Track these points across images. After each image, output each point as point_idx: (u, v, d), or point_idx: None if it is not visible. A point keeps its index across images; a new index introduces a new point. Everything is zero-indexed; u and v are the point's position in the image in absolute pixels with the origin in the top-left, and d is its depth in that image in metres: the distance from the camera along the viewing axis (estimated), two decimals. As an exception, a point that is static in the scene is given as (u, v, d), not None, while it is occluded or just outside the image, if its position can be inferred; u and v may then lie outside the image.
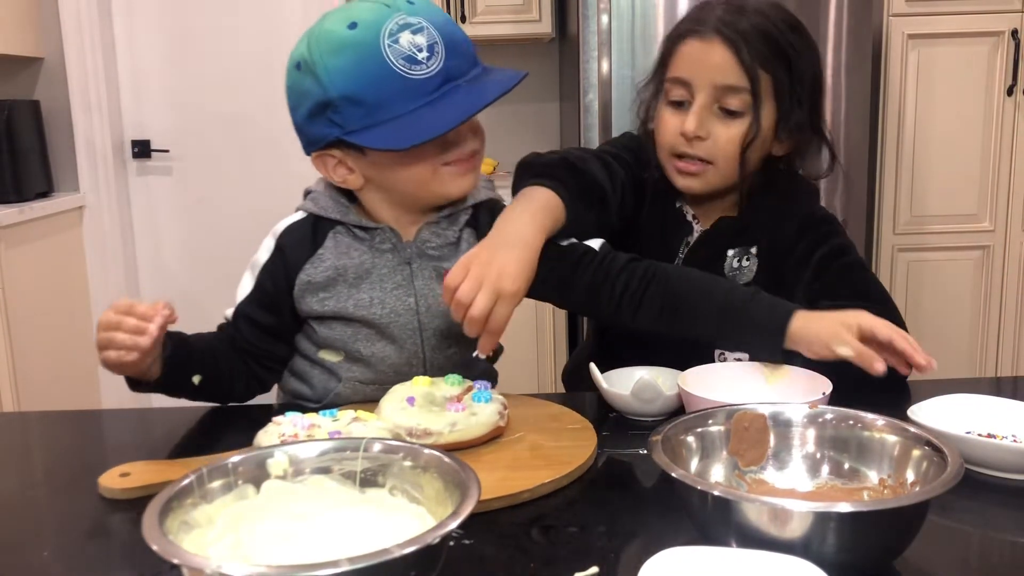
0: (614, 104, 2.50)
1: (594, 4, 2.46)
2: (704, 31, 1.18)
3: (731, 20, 1.17)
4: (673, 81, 1.21)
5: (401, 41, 1.02)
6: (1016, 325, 2.73)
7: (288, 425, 0.91)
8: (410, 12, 1.04)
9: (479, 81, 1.07)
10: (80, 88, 3.20)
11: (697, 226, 1.29)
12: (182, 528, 0.67)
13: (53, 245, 3.07)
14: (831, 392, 0.96)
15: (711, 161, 1.20)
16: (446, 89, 1.04)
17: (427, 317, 1.17)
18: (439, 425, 0.93)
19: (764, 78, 1.16)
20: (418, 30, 1.03)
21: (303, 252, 1.15)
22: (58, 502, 0.92)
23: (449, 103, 1.04)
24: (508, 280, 1.01)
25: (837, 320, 1.01)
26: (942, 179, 2.65)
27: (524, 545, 0.77)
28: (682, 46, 1.20)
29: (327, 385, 1.19)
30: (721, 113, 1.18)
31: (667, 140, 1.22)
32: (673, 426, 0.79)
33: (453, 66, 1.05)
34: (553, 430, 1.00)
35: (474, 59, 1.09)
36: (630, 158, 1.28)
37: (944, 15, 2.56)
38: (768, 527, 0.65)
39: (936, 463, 0.72)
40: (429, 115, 1.03)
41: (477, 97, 1.05)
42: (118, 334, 0.98)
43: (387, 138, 1.03)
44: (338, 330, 1.16)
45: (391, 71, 1.02)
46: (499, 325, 1.02)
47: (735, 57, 1.15)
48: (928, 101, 2.61)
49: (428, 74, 1.03)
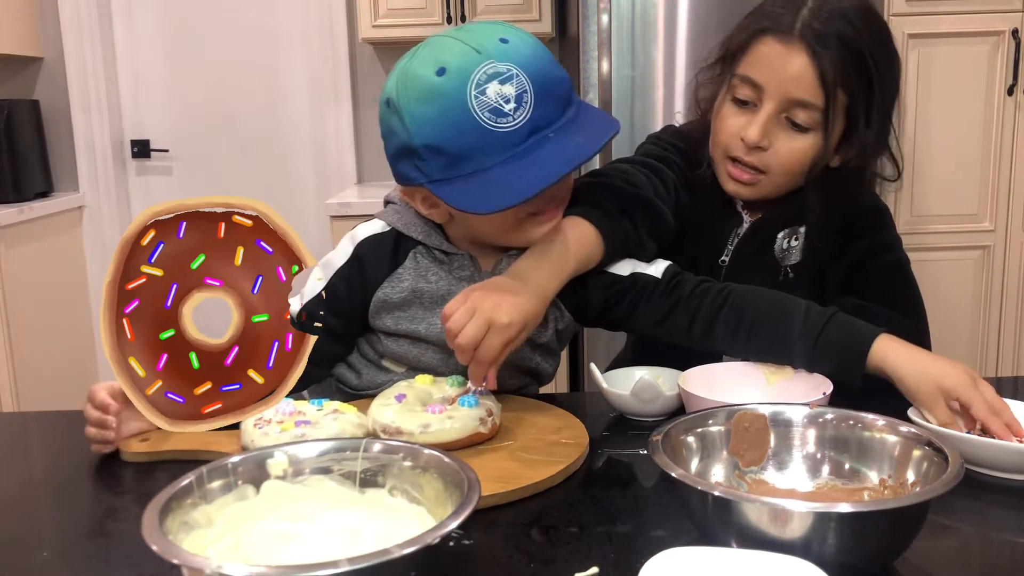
0: (614, 103, 2.50)
1: (594, 4, 2.46)
2: (788, 33, 1.09)
3: (819, 27, 1.08)
4: (743, 79, 1.14)
5: (488, 92, 0.97)
6: (1016, 325, 2.73)
7: (270, 410, 0.94)
8: (501, 58, 0.98)
9: (568, 130, 1.01)
10: (80, 88, 3.20)
11: (746, 215, 1.25)
12: (182, 528, 0.67)
13: (53, 245, 3.07)
14: (831, 392, 0.96)
15: (765, 171, 1.15)
16: (531, 142, 0.99)
17: None
18: (412, 425, 0.93)
19: (841, 96, 1.10)
20: (507, 79, 0.97)
21: (383, 268, 1.12)
22: (58, 502, 0.92)
23: (535, 160, 0.99)
24: (502, 313, 0.96)
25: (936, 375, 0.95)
26: (942, 179, 2.65)
27: (524, 545, 0.76)
28: (759, 43, 1.12)
29: (375, 379, 1.17)
30: (787, 124, 1.12)
31: (725, 140, 1.17)
32: (673, 426, 0.79)
33: (541, 116, 0.99)
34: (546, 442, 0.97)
35: (567, 100, 1.03)
36: (678, 156, 1.24)
37: (944, 15, 2.56)
38: (768, 527, 0.65)
39: (936, 463, 0.72)
40: (511, 175, 0.98)
41: (563, 157, 0.99)
42: (88, 428, 1.00)
43: (468, 198, 0.99)
44: (406, 347, 1.14)
45: (476, 124, 0.97)
46: (487, 355, 0.96)
47: (816, 72, 1.08)
48: (928, 101, 2.61)
49: (514, 126, 0.98)
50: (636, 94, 2.51)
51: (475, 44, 0.99)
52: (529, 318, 1.00)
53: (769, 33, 1.11)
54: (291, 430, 0.91)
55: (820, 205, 1.17)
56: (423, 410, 0.96)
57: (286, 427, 0.91)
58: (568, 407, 1.07)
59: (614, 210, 1.10)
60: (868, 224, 1.21)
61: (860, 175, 1.17)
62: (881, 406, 0.82)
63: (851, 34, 1.09)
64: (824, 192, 1.16)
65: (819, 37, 1.08)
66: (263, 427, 0.92)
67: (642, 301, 1.10)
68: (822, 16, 1.09)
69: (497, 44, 0.99)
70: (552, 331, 1.14)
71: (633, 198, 1.12)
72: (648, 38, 2.48)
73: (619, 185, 1.13)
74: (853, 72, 1.09)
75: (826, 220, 1.19)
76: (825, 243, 1.20)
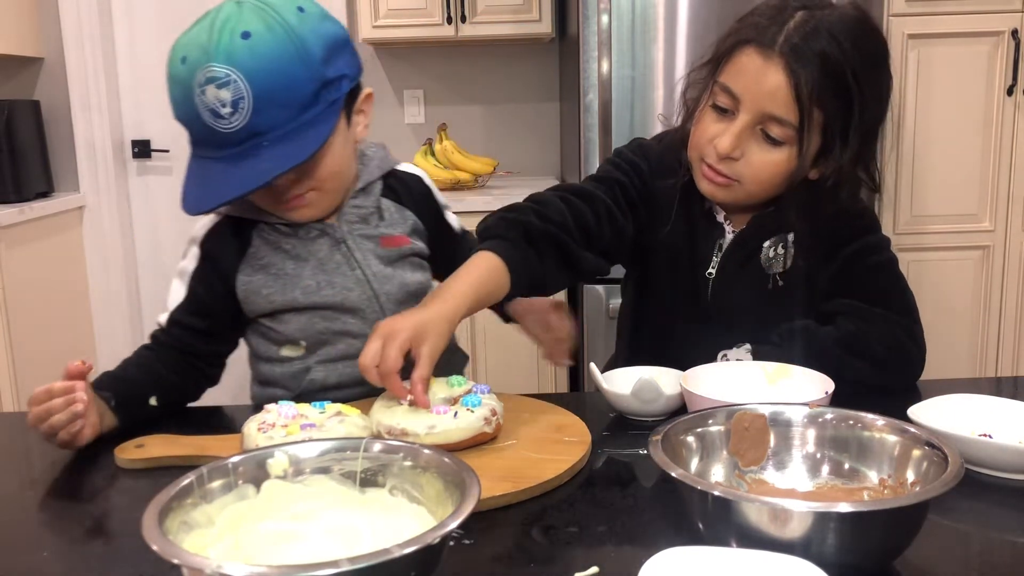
0: (614, 104, 2.50)
1: (594, 4, 2.45)
2: (769, 47, 1.07)
3: (800, 43, 1.06)
4: (722, 87, 1.13)
5: (208, 94, 1.01)
6: (1016, 325, 2.73)
7: (273, 414, 0.94)
8: (227, 60, 1.01)
9: (287, 140, 1.05)
10: (80, 88, 3.20)
11: (728, 227, 1.24)
12: (182, 528, 0.67)
13: (53, 245, 3.07)
14: (832, 392, 0.96)
15: (737, 180, 1.14)
16: (248, 146, 1.04)
17: (378, 283, 1.20)
18: (418, 427, 0.93)
19: (816, 114, 1.08)
20: (224, 84, 1.01)
21: (234, 256, 1.18)
22: (58, 502, 0.92)
23: (247, 167, 1.04)
24: (395, 324, 0.97)
25: None
26: (942, 179, 2.65)
27: (524, 545, 0.77)
28: (741, 54, 1.11)
29: (298, 379, 1.21)
30: (762, 136, 1.11)
31: (700, 145, 1.16)
32: (673, 426, 0.79)
33: (261, 122, 1.02)
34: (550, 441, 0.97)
35: (311, 101, 1.05)
36: (635, 176, 1.24)
37: (944, 15, 2.55)
38: (768, 527, 0.65)
39: (936, 463, 0.72)
40: (221, 175, 1.04)
41: (255, 173, 1.03)
42: (54, 417, 0.98)
43: (190, 190, 1.07)
44: (293, 322, 1.18)
45: (201, 119, 1.03)
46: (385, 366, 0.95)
47: (792, 91, 1.06)
48: (928, 101, 2.60)
49: (232, 129, 1.02)
50: (636, 94, 2.51)
51: (210, 41, 1.02)
52: (420, 323, 0.98)
53: (752, 44, 1.10)
54: (296, 434, 0.90)
55: (794, 215, 1.17)
56: (427, 411, 0.96)
57: (291, 431, 0.90)
58: (568, 407, 1.07)
59: (521, 242, 1.11)
60: (856, 227, 1.21)
61: (835, 190, 1.15)
62: (881, 406, 0.82)
63: (834, 53, 1.06)
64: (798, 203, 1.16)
65: (799, 54, 1.06)
66: (267, 431, 0.91)
67: None
68: (806, 31, 1.07)
69: (233, 42, 1.01)
70: None
71: (540, 233, 1.13)
72: (648, 38, 2.48)
73: (530, 220, 1.13)
74: (831, 92, 1.07)
75: (805, 228, 1.19)
76: (814, 249, 1.20)
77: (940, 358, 0.97)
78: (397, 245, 1.23)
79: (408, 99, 3.33)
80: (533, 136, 3.38)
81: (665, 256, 1.26)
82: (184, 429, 1.05)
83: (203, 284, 1.18)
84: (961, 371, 2.73)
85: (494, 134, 3.38)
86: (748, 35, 1.11)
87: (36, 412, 0.99)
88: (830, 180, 1.13)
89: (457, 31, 2.96)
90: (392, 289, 1.22)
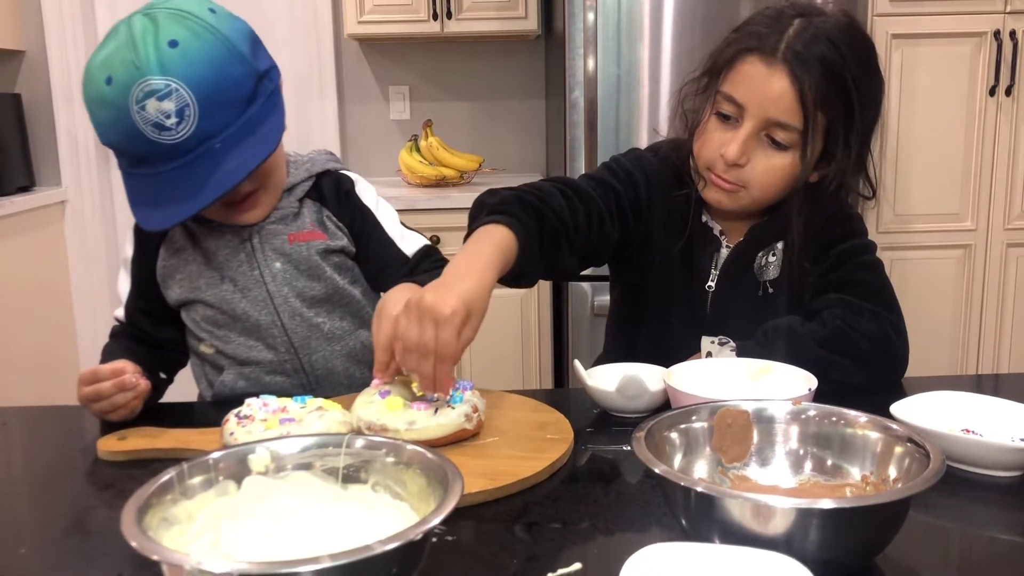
0: (600, 101, 2.50)
1: (580, 1, 2.45)
2: (771, 54, 1.10)
3: (802, 50, 1.09)
4: (726, 96, 1.15)
5: (148, 108, 1.00)
6: (996, 323, 2.75)
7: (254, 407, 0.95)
8: (162, 71, 1.00)
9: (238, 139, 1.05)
10: (62, 81, 3.17)
11: (724, 239, 1.26)
12: (162, 524, 0.66)
13: (34, 240, 3.04)
14: (815, 389, 0.96)
15: (744, 187, 1.17)
16: (201, 150, 1.04)
17: (275, 286, 1.21)
18: (397, 422, 0.93)
19: (819, 118, 1.11)
20: (165, 95, 1.00)
21: (156, 236, 1.21)
22: (37, 498, 0.91)
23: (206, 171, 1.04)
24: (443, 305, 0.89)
25: None
26: (925, 178, 2.67)
27: (507, 541, 0.76)
28: (743, 63, 1.13)
29: (212, 379, 1.25)
30: (767, 141, 1.14)
31: (707, 155, 1.18)
32: (657, 422, 0.79)
33: (210, 125, 1.03)
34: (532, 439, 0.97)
35: (250, 98, 1.06)
36: (629, 187, 1.24)
37: (928, 15, 2.57)
38: (751, 523, 0.65)
39: (918, 460, 0.73)
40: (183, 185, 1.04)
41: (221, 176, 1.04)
42: (116, 397, 1.04)
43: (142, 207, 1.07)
44: (200, 313, 1.21)
45: (143, 135, 1.02)
46: (445, 351, 0.89)
47: (796, 96, 1.09)
48: (912, 101, 2.62)
49: (180, 138, 1.02)
50: (622, 92, 2.51)
51: (137, 55, 1.00)
52: (470, 302, 0.91)
53: (754, 53, 1.12)
54: (275, 428, 0.90)
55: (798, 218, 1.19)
56: (408, 407, 0.95)
57: (270, 425, 0.91)
58: (552, 403, 1.07)
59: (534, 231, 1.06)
60: (845, 230, 1.24)
61: (836, 192, 1.18)
62: (864, 403, 0.83)
63: (834, 57, 1.10)
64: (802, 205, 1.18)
65: (801, 60, 1.09)
66: (246, 425, 0.92)
67: None
68: (806, 38, 1.10)
69: (162, 52, 1.00)
70: None
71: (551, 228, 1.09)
72: (634, 36, 2.48)
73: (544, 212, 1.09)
74: (833, 95, 1.11)
75: (801, 232, 1.20)
76: (803, 251, 1.22)
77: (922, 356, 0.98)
78: (306, 240, 1.23)
79: (394, 95, 3.32)
80: (519, 133, 3.38)
81: (661, 266, 1.27)
82: (165, 422, 1.04)
83: (142, 268, 1.23)
84: (943, 368, 2.75)
85: (480, 131, 3.37)
86: (749, 44, 1.13)
87: (86, 392, 1.05)
88: (831, 182, 1.16)
89: (443, 27, 2.95)
90: (290, 293, 1.22)
